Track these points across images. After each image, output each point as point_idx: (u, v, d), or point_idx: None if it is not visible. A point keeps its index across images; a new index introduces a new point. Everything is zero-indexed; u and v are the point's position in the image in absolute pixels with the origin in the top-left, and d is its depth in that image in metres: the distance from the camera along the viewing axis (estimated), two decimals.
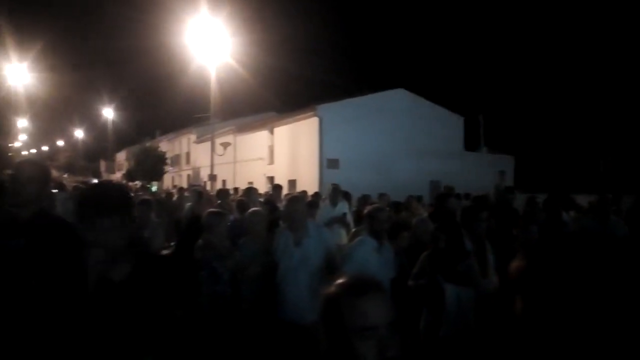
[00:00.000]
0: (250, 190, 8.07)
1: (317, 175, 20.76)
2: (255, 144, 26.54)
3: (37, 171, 2.68)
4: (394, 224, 4.77)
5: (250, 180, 25.11)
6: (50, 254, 2.43)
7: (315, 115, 21.10)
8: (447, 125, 23.81)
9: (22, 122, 45.48)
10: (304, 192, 9.44)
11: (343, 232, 6.96)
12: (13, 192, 2.64)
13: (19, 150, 50.14)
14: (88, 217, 1.83)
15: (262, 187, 17.35)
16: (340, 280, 1.21)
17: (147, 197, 6.76)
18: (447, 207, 5.36)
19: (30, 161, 2.92)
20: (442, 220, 3.04)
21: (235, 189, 13.08)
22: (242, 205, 6.46)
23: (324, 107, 21.27)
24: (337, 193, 7.30)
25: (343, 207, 7.25)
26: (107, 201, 1.85)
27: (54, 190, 8.35)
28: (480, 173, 21.96)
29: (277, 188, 8.71)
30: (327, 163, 20.80)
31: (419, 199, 11.60)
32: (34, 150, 65.24)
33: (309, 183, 19.60)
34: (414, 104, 22.83)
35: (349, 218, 7.16)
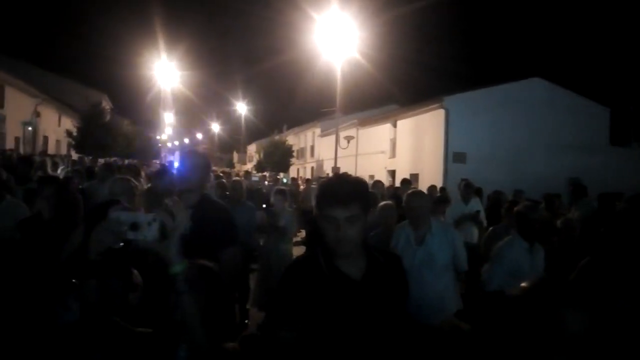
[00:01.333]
0: (377, 184, 8.08)
1: (442, 170, 20.12)
2: (378, 137, 26.54)
3: (201, 160, 2.94)
4: None
5: (372, 173, 25.22)
6: (213, 235, 2.64)
7: (441, 107, 20.43)
8: (590, 118, 21.50)
9: (169, 117, 50.70)
10: (433, 187, 9.20)
11: (475, 230, 6.65)
12: (181, 179, 2.92)
13: (165, 142, 56.08)
14: (327, 207, 1.73)
15: (383, 181, 17.28)
16: (536, 285, 1.12)
17: (282, 187, 7.11)
18: (614, 208, 4.80)
19: (195, 152, 3.22)
20: (609, 224, 2.71)
21: None
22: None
23: (451, 99, 20.49)
24: (469, 189, 6.98)
25: (476, 204, 6.93)
26: (348, 191, 1.76)
27: None
28: (629, 171, 19.51)
29: (405, 182, 8.60)
30: (453, 157, 20.03)
31: (557, 197, 10.65)
32: (177, 142, 72.50)
33: (432, 177, 19.09)
34: (551, 94, 20.98)
35: (482, 216, 6.83)
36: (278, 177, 19.70)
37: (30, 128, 26.26)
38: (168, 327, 1.76)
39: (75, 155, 21.92)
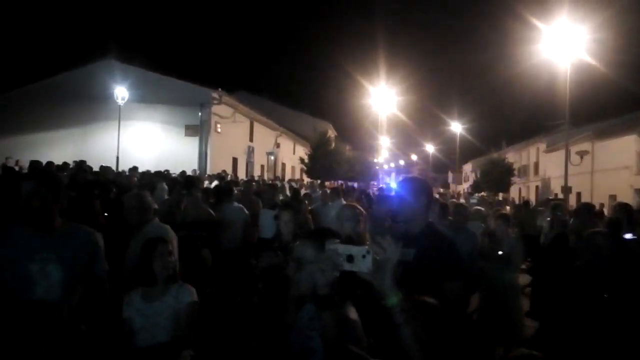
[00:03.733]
0: (624, 207, 6.87)
1: None
2: (619, 151, 22.86)
3: (423, 187, 2.86)
4: None
5: (613, 193, 21.79)
6: (437, 266, 2.64)
7: None
8: None
9: (385, 141, 52.89)
10: None
11: None
12: (403, 208, 2.88)
13: (382, 165, 58.57)
14: None
15: (630, 202, 14.75)
16: None
17: (505, 212, 6.75)
18: None
19: (416, 178, 3.19)
20: None
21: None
22: (616, 226, 5.52)
23: None
24: None
25: None
26: None
27: None
28: None
29: None
30: None
31: None
32: (392, 164, 74.93)
33: None
34: None
35: None
36: (488, 199, 18.52)
37: (272, 157, 30.66)
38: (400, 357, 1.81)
39: (306, 179, 24.67)
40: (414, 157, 76.07)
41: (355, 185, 26.19)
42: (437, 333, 1.71)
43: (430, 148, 63.63)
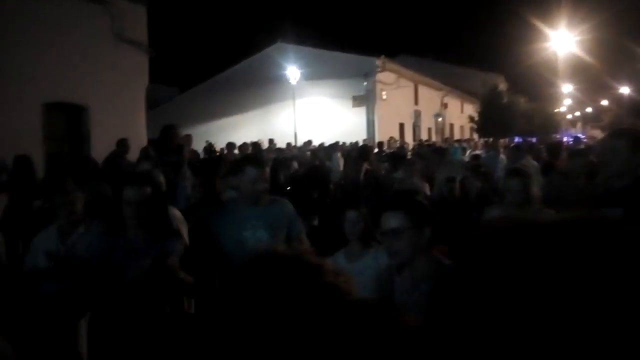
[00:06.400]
0: None
1: None
2: None
3: (628, 140, 2.66)
4: None
5: None
6: None
7: None
8: None
9: (567, 87, 47.18)
10: None
11: None
12: (605, 162, 2.77)
13: (564, 114, 52.52)
14: None
15: None
16: None
17: None
18: None
19: (627, 130, 2.95)
20: None
21: None
22: None
23: None
24: None
25: None
26: None
27: None
28: None
29: None
30: None
31: None
32: (577, 113, 66.57)
33: None
34: None
35: None
36: None
37: (439, 119, 29.89)
38: None
39: (479, 139, 23.53)
40: (604, 103, 66.30)
41: (535, 140, 24.13)
42: None
43: (625, 90, 54.65)
